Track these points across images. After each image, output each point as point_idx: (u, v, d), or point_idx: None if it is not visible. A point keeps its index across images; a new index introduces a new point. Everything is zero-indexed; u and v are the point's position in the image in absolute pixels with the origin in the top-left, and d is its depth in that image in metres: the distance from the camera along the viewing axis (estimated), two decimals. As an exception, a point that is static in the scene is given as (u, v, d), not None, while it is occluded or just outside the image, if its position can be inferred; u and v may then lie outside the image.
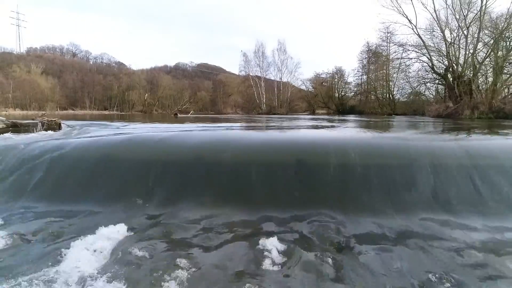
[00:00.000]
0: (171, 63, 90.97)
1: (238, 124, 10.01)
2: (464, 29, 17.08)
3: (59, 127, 9.28)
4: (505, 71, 17.37)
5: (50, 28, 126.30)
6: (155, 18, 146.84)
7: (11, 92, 52.99)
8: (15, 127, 7.98)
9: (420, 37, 19.71)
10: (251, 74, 45.62)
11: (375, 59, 34.50)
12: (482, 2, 15.98)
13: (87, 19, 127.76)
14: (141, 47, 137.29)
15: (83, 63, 76.37)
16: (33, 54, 74.23)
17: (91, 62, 79.72)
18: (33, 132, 7.61)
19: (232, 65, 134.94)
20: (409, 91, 26.99)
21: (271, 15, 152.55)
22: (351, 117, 19.56)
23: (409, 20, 19.66)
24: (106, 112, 55.71)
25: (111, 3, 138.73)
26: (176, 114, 28.87)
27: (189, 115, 30.85)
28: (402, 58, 23.96)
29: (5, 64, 61.96)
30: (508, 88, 18.77)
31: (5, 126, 7.78)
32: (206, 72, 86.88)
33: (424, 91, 25.46)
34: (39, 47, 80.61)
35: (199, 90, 72.47)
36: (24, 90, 54.73)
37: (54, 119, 9.35)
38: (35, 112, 47.84)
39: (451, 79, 17.79)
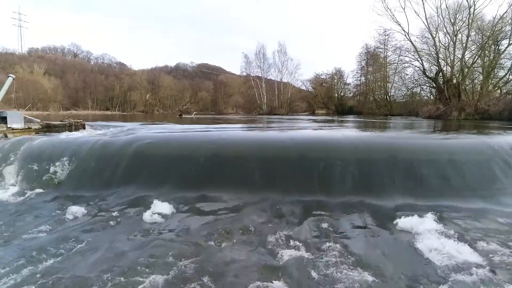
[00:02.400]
0: (172, 63, 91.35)
1: (260, 125, 10.99)
2: (452, 36, 18.17)
3: (83, 127, 10.28)
4: (493, 74, 18.43)
5: (50, 29, 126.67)
6: (155, 18, 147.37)
7: (14, 92, 53.52)
8: (48, 128, 8.95)
9: (412, 43, 20.93)
10: (252, 75, 46.64)
11: (373, 61, 35.47)
12: (469, 10, 17.08)
13: (87, 19, 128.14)
14: (141, 47, 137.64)
15: (84, 64, 76.65)
16: (34, 54, 74.44)
17: (92, 63, 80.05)
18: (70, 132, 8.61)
19: (232, 65, 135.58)
20: (405, 92, 28.13)
21: (271, 16, 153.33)
22: (351, 118, 20.52)
23: (401, 27, 20.86)
24: (108, 113, 56.39)
25: (111, 4, 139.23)
26: (181, 114, 29.89)
27: (192, 115, 31.83)
28: (397, 62, 25.14)
29: (7, 64, 62.25)
30: (501, 90, 19.82)
31: (40, 127, 8.75)
32: (207, 72, 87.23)
33: (420, 92, 26.57)
34: (40, 48, 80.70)
35: (200, 90, 72.99)
36: (27, 91, 55.31)
37: (79, 120, 10.33)
38: (40, 112, 48.58)
39: (441, 82, 18.91)
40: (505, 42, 17.85)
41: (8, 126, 7.72)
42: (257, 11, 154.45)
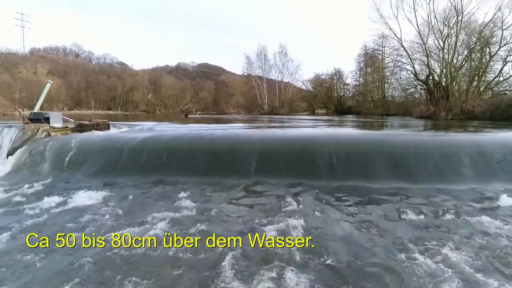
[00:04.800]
0: (172, 63, 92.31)
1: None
2: (441, 41, 19.53)
3: (108, 127, 11.47)
4: (484, 77, 19.72)
5: (52, 29, 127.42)
6: (155, 18, 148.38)
7: (18, 92, 54.35)
8: (81, 127, 10.15)
9: (404, 48, 22.37)
10: (253, 76, 47.87)
11: (372, 62, 36.45)
12: (458, 18, 18.36)
13: (88, 19, 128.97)
14: (142, 47, 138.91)
15: (86, 64, 77.25)
16: (37, 54, 74.96)
17: (93, 63, 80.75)
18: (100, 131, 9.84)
19: (233, 65, 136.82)
20: (401, 93, 29.40)
21: (271, 15, 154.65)
22: (351, 118, 21.72)
23: (395, 34, 22.35)
24: (111, 112, 57.39)
25: (111, 4, 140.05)
26: (186, 115, 31.08)
27: (196, 115, 33.02)
28: (393, 66, 26.47)
29: (10, 64, 62.88)
30: (492, 91, 21.06)
31: (74, 126, 9.96)
32: (207, 72, 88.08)
33: (415, 94, 27.83)
34: (42, 48, 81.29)
35: (201, 90, 73.88)
36: (31, 91, 56.11)
37: (104, 121, 11.52)
38: (45, 112, 49.66)
39: (431, 85, 20.24)
40: (495, 46, 19.17)
41: (51, 125, 8.93)
42: (258, 11, 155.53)
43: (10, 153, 7.91)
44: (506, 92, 19.62)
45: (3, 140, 8.32)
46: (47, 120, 8.93)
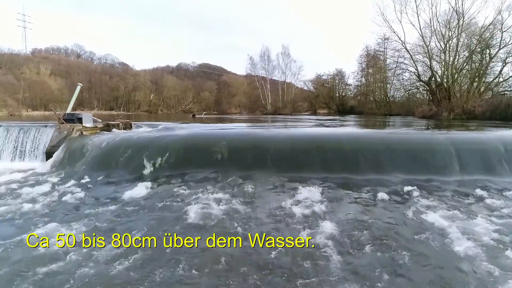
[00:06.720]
0: (173, 63, 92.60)
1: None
2: (442, 44, 20.29)
3: (130, 126, 12.12)
4: (484, 77, 20.48)
5: (52, 29, 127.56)
6: (156, 18, 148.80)
7: (21, 93, 54.65)
8: (107, 126, 10.79)
9: (408, 51, 23.16)
10: (256, 76, 48.55)
11: (374, 62, 37.13)
12: (459, 22, 19.11)
13: (89, 20, 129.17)
14: (143, 48, 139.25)
15: (88, 64, 77.43)
16: (38, 55, 75.11)
17: (95, 63, 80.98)
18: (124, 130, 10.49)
19: (234, 65, 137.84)
20: (403, 93, 30.14)
21: (271, 15, 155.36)
22: (354, 118, 22.33)
23: (398, 37, 23.14)
24: (115, 112, 57.91)
25: (111, 4, 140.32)
26: (194, 115, 31.72)
27: (202, 115, 33.68)
28: (395, 68, 27.26)
29: (13, 65, 63.11)
30: (492, 91, 21.80)
31: (102, 125, 10.60)
32: (208, 72, 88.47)
33: (417, 94, 28.56)
34: (44, 48, 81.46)
35: (202, 90, 74.36)
36: (35, 91, 56.45)
37: (127, 120, 12.16)
38: (52, 112, 50.07)
39: (433, 86, 21.00)
40: (495, 48, 19.89)
41: (83, 125, 9.57)
42: (258, 11, 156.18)
43: (48, 151, 8.54)
44: (505, 92, 20.41)
45: (41, 139, 8.96)
46: (79, 120, 9.57)
